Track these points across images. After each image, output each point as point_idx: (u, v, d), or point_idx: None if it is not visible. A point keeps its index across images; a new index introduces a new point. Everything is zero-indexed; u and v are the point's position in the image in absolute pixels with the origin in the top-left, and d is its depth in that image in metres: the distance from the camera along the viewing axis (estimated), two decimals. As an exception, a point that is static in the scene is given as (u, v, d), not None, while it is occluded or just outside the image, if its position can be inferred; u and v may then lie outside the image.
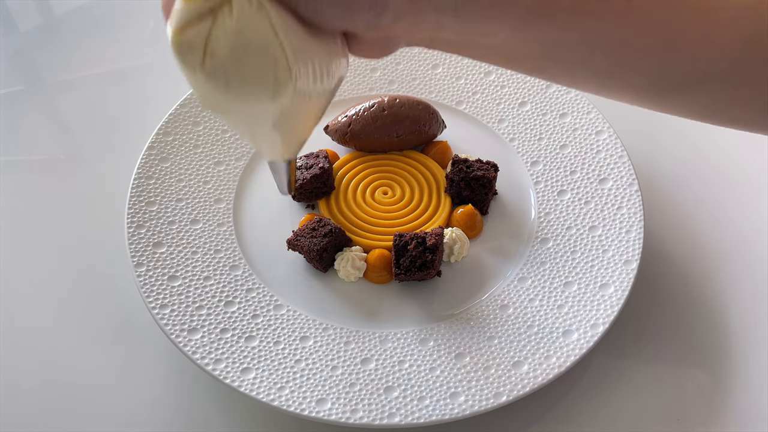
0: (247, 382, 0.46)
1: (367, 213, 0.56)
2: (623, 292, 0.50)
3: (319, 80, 0.39)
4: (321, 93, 0.40)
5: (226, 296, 0.51)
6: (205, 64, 0.36)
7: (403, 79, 0.65)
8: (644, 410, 0.49)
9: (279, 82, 0.37)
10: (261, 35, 0.36)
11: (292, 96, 0.37)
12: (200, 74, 0.37)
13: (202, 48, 0.36)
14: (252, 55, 0.36)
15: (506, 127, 0.62)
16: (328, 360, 0.48)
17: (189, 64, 0.36)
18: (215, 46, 0.36)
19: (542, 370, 0.47)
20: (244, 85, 0.37)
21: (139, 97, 0.69)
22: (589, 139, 0.60)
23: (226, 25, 0.36)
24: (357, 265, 0.52)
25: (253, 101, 0.38)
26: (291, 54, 0.36)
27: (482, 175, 0.55)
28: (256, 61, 0.36)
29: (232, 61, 0.36)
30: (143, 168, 0.57)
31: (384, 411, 0.45)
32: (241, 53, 0.36)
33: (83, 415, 0.49)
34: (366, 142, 0.59)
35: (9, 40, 0.75)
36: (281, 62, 0.36)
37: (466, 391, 0.46)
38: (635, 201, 0.55)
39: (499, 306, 0.51)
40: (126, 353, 0.52)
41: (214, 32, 0.36)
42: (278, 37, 0.36)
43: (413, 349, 0.49)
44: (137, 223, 0.54)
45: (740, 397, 0.49)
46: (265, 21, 0.36)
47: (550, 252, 0.54)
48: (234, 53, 0.36)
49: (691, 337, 0.52)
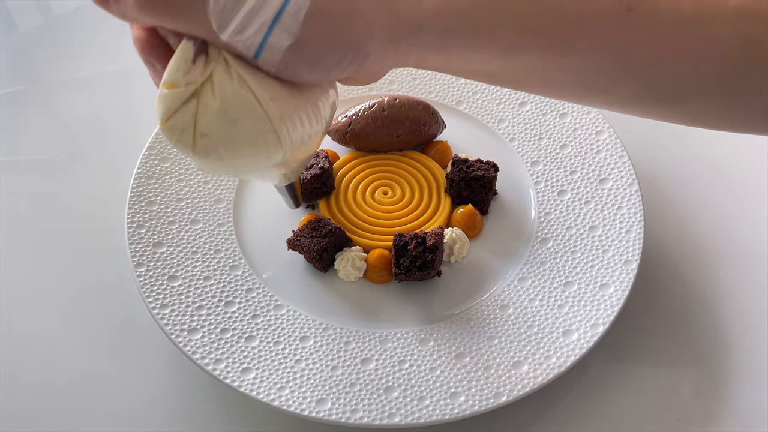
0: (247, 382, 0.46)
1: (367, 213, 0.56)
2: (623, 292, 0.50)
3: (311, 124, 0.39)
4: (316, 131, 0.40)
5: (226, 296, 0.51)
6: (196, 144, 0.37)
7: (403, 79, 0.65)
8: (644, 410, 0.49)
9: (270, 149, 0.38)
10: (245, 111, 0.36)
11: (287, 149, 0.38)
12: (193, 152, 0.37)
13: (191, 130, 0.37)
14: (240, 131, 0.37)
15: (506, 127, 0.62)
16: (328, 360, 0.48)
17: (181, 145, 0.37)
18: (203, 127, 0.37)
19: (542, 370, 0.47)
20: (238, 156, 0.38)
21: (139, 97, 0.69)
22: (589, 139, 0.60)
23: (210, 107, 0.36)
24: (357, 265, 0.52)
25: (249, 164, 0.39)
26: (278, 121, 0.37)
27: (482, 175, 0.55)
28: (244, 136, 0.37)
29: (222, 139, 0.37)
30: (143, 168, 0.57)
31: (384, 411, 0.45)
32: (229, 131, 0.37)
33: (83, 415, 0.49)
34: (366, 142, 0.59)
35: (9, 40, 0.75)
36: (269, 133, 0.37)
37: (466, 391, 0.46)
38: (635, 201, 0.55)
39: (499, 306, 0.51)
40: (126, 353, 0.52)
41: (200, 114, 0.36)
42: (262, 107, 0.36)
43: (413, 349, 0.49)
44: (137, 223, 0.54)
45: (740, 397, 0.49)
46: (247, 95, 0.36)
47: (550, 252, 0.54)
48: (222, 132, 0.37)
49: (690, 337, 0.52)
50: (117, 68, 0.74)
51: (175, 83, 0.36)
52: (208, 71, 0.36)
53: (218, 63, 0.36)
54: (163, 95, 0.37)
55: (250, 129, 0.37)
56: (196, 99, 0.36)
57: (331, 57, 0.34)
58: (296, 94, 0.37)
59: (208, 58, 0.36)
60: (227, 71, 0.36)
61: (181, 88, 0.36)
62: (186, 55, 0.35)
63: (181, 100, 0.36)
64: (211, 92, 0.36)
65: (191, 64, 0.35)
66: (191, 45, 0.35)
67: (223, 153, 0.38)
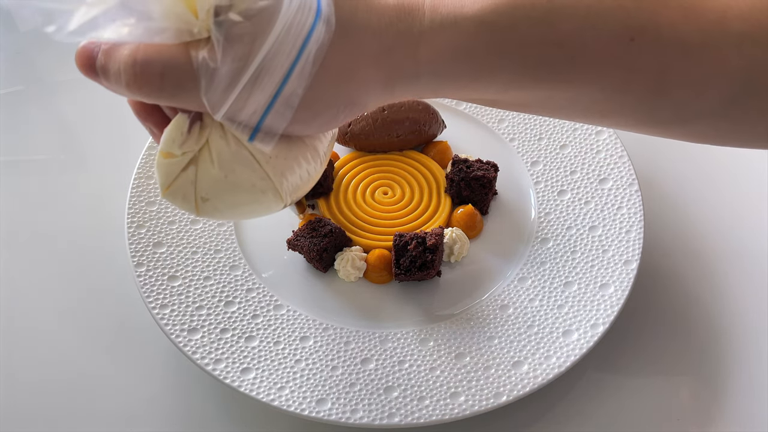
0: (247, 382, 0.46)
1: (367, 213, 0.56)
2: (623, 292, 0.50)
3: (309, 165, 0.39)
4: (315, 169, 0.40)
5: (226, 296, 0.51)
6: (198, 208, 0.37)
7: (403, 79, 0.65)
8: (644, 410, 0.49)
9: (271, 203, 0.38)
10: (245, 173, 0.36)
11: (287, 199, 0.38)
12: (198, 214, 0.38)
13: (192, 195, 0.37)
14: (240, 193, 0.37)
15: (506, 127, 0.62)
16: (328, 360, 0.48)
17: (184, 208, 0.38)
18: (204, 192, 0.37)
19: (542, 370, 0.47)
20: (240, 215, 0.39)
21: (139, 97, 0.69)
22: (589, 139, 0.60)
23: (209, 172, 0.36)
24: (357, 265, 0.52)
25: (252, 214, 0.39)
26: (278, 177, 0.37)
27: (482, 175, 0.55)
28: (245, 196, 0.37)
29: (223, 201, 0.37)
30: (143, 168, 0.57)
31: (384, 411, 0.45)
32: (230, 194, 0.37)
33: (83, 415, 0.49)
34: (366, 142, 0.59)
35: (9, 40, 0.75)
36: (269, 191, 0.37)
37: (466, 391, 0.46)
38: (635, 201, 0.55)
39: (499, 306, 0.51)
40: (126, 353, 0.52)
41: (199, 180, 0.36)
42: (261, 167, 0.36)
43: (413, 349, 0.49)
44: (137, 223, 0.54)
45: (740, 397, 0.49)
46: (245, 156, 0.36)
47: (550, 252, 0.54)
48: (223, 195, 0.37)
49: (690, 337, 0.52)
50: (117, 68, 0.73)
51: (169, 153, 0.36)
52: (204, 138, 0.36)
53: (214, 128, 0.36)
54: (161, 164, 0.37)
55: (251, 189, 0.37)
56: (194, 165, 0.36)
57: (326, 114, 0.34)
58: (294, 145, 0.37)
59: (203, 124, 0.36)
60: (223, 136, 0.35)
61: (178, 157, 0.36)
62: (181, 127, 0.35)
63: (179, 168, 0.36)
64: (209, 158, 0.36)
65: (186, 135, 0.35)
66: (186, 117, 0.35)
67: (226, 212, 0.38)
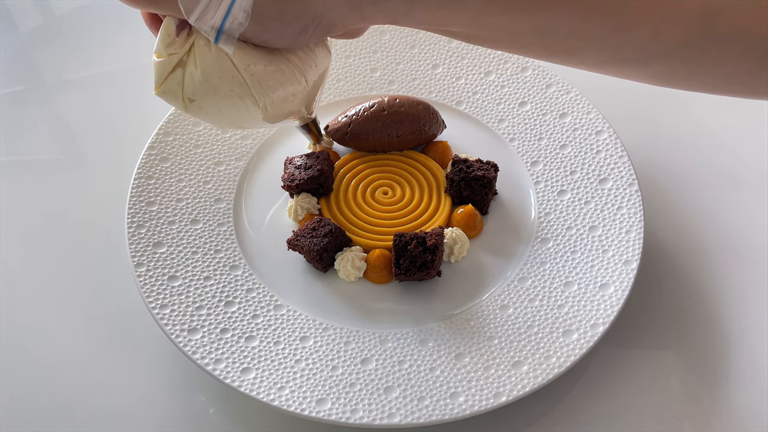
0: (247, 382, 0.46)
1: (367, 213, 0.56)
2: (623, 292, 0.50)
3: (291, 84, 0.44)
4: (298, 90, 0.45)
5: (226, 296, 0.51)
6: (187, 107, 0.43)
7: (403, 79, 0.65)
8: (644, 410, 0.49)
9: (250, 110, 0.43)
10: (225, 79, 0.42)
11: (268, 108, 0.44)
12: (187, 113, 0.44)
13: (180, 95, 0.43)
14: (222, 96, 0.43)
15: (506, 127, 0.62)
16: (328, 360, 0.48)
17: (176, 106, 0.44)
18: (189, 93, 0.43)
19: (542, 370, 0.47)
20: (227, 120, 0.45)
21: (139, 97, 0.69)
22: (589, 139, 0.60)
23: (193, 75, 0.42)
24: (357, 265, 0.52)
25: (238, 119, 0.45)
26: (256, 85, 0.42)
27: (482, 175, 0.55)
28: (226, 100, 0.43)
29: (207, 103, 0.43)
30: (143, 168, 0.57)
31: (384, 411, 0.45)
32: (212, 96, 0.43)
33: (83, 415, 0.49)
34: (366, 142, 0.59)
35: (9, 40, 0.75)
36: (247, 97, 0.43)
37: (466, 391, 0.46)
38: (635, 201, 0.55)
39: (499, 306, 0.51)
40: (126, 353, 0.52)
41: (185, 81, 0.42)
42: (241, 74, 0.42)
43: (413, 349, 0.49)
44: (137, 223, 0.54)
45: (740, 397, 0.49)
46: (225, 63, 0.41)
47: (550, 252, 0.54)
48: (206, 97, 0.43)
49: (691, 337, 0.52)
50: (117, 68, 0.74)
51: (158, 53, 0.42)
52: (189, 43, 0.41)
53: (199, 36, 0.41)
54: (154, 63, 0.43)
55: (230, 93, 0.42)
56: (181, 68, 0.42)
57: (294, 26, 0.39)
58: (276, 58, 0.42)
59: (190, 32, 0.42)
60: (207, 44, 0.41)
61: (165, 57, 0.42)
62: (168, 29, 0.41)
63: (168, 69, 0.42)
64: (194, 62, 0.42)
65: (174, 37, 0.41)
66: (172, 21, 0.41)
67: (213, 114, 0.44)
